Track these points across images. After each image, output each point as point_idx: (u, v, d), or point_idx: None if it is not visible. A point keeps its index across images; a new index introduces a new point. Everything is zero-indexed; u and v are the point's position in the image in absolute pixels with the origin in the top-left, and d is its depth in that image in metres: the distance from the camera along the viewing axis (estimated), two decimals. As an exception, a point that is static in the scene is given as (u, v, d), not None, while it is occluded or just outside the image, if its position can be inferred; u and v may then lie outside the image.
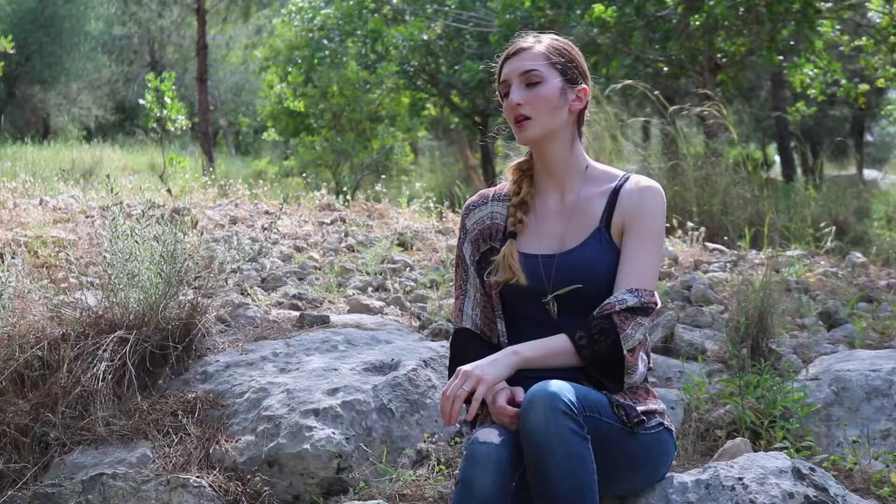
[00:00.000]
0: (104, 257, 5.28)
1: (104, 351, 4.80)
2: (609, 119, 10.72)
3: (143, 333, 4.96)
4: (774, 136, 29.57)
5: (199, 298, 5.20)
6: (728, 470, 3.74)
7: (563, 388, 3.13)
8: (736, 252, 8.07)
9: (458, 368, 3.27)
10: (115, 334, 4.89)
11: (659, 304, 3.48)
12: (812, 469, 3.75)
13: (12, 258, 5.62)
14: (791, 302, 6.25)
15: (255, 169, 24.94)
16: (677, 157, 9.82)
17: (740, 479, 3.67)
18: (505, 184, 3.73)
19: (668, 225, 8.81)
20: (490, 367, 3.25)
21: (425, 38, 17.04)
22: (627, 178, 3.57)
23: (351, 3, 17.87)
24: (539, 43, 3.54)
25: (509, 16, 13.45)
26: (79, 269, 6.05)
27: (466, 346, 3.61)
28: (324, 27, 18.64)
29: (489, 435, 3.20)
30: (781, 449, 4.29)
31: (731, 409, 4.64)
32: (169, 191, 10.60)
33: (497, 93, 3.66)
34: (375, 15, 18.01)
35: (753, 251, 8.03)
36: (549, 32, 3.68)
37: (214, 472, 4.34)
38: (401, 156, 17.29)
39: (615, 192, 3.52)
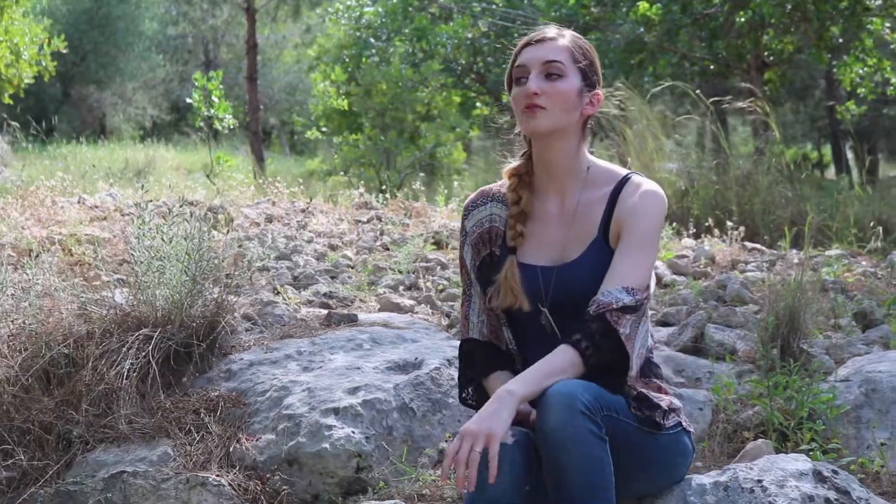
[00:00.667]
0: (131, 255, 5.30)
1: (129, 349, 4.81)
2: (651, 118, 10.64)
3: (168, 331, 4.97)
4: (830, 135, 29.26)
5: (224, 296, 5.20)
6: (747, 472, 3.68)
7: (580, 388, 3.07)
8: (775, 252, 7.97)
9: (461, 430, 3.07)
10: (141, 332, 4.90)
11: (650, 300, 3.42)
12: (835, 472, 3.69)
13: (39, 256, 5.65)
14: (827, 302, 6.16)
15: (307, 168, 25.00)
16: (719, 156, 9.72)
17: (759, 481, 3.61)
18: (506, 182, 3.61)
19: (707, 224, 8.75)
20: (494, 421, 3.04)
21: (470, 36, 17.00)
22: (627, 179, 3.46)
23: (395, 1, 17.88)
24: (563, 37, 3.45)
25: (554, 13, 13.38)
26: (110, 266, 6.08)
27: (474, 353, 3.55)
28: (371, 26, 18.67)
29: (503, 435, 3.15)
30: (808, 451, 4.22)
31: (760, 410, 4.57)
32: (217, 189, 10.67)
33: (508, 77, 3.53)
34: (421, 13, 17.98)
35: (794, 251, 7.93)
36: (567, 29, 3.56)
37: (234, 471, 4.33)
38: (445, 155, 17.21)
39: (614, 196, 3.42)
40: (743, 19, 12.29)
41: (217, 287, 5.28)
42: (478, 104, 21.98)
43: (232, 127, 15.60)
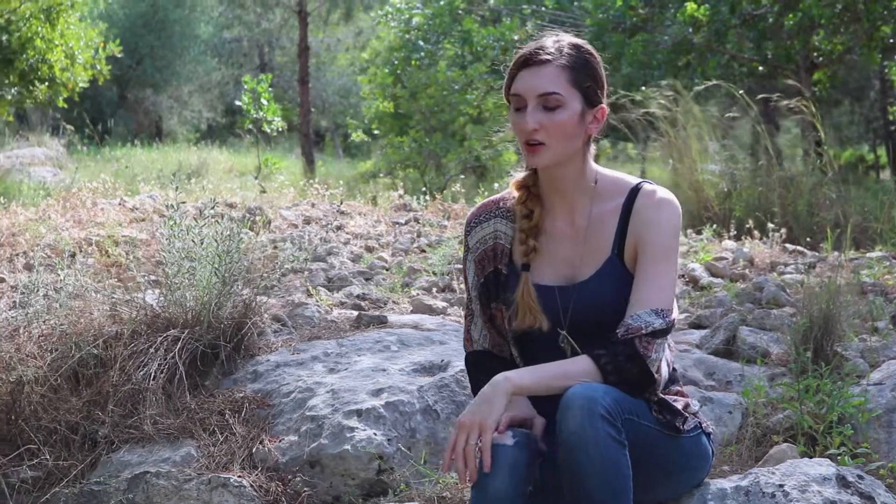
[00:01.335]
0: (162, 256, 5.32)
1: (157, 350, 4.83)
2: (700, 118, 10.56)
3: (196, 332, 4.98)
4: (884, 137, 28.88)
5: (253, 298, 5.21)
6: (769, 477, 3.63)
7: (601, 392, 3.01)
8: (816, 254, 7.88)
9: (456, 421, 3.06)
10: (169, 333, 4.92)
11: (677, 320, 3.33)
12: (860, 476, 3.63)
13: (72, 257, 5.69)
14: (864, 304, 6.06)
15: (360, 170, 25.06)
16: (763, 157, 9.62)
17: (781, 486, 3.56)
18: (508, 195, 3.48)
19: (748, 226, 8.66)
20: (486, 410, 3.02)
21: (517, 38, 16.95)
22: (639, 189, 3.32)
23: (441, 3, 17.87)
24: (561, 55, 3.22)
25: (601, 15, 13.31)
26: (146, 268, 6.11)
27: (482, 361, 3.49)
28: (420, 28, 18.68)
29: (503, 437, 3.10)
30: (835, 456, 4.16)
31: (791, 414, 4.51)
32: (263, 189, 10.71)
33: (505, 97, 3.35)
34: (469, 15, 17.96)
35: (836, 253, 7.83)
36: (570, 32, 3.36)
37: (256, 472, 4.33)
38: (492, 157, 17.15)
39: (627, 209, 3.30)
40: (792, 21, 12.17)
41: (247, 288, 5.29)
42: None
43: (280, 129, 15.67)
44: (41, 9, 18.56)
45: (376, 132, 21.63)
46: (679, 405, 3.35)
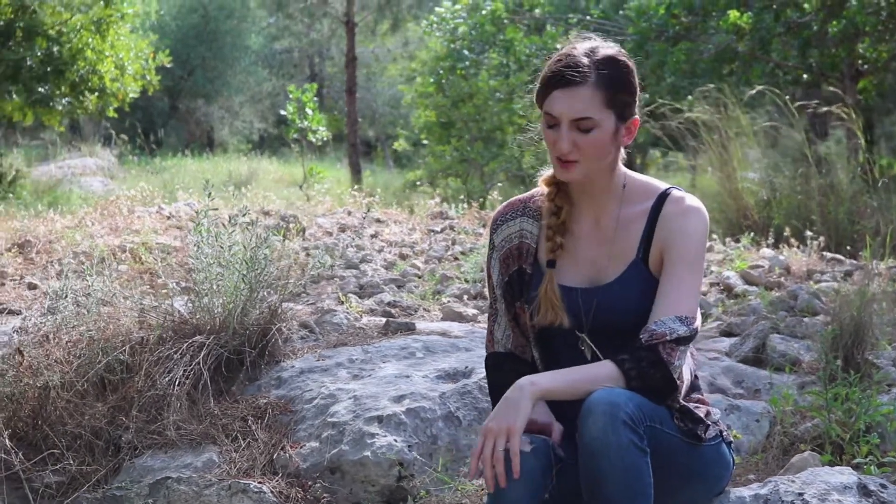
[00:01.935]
0: (191, 262, 5.34)
1: (182, 355, 4.85)
2: (745, 125, 10.48)
3: (221, 338, 4.99)
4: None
5: (279, 304, 5.22)
6: (789, 485, 3.59)
7: (624, 397, 2.99)
8: (855, 262, 7.77)
9: (482, 428, 3.03)
10: (195, 339, 4.94)
11: (700, 329, 3.30)
12: (883, 486, 3.58)
13: (103, 262, 5.72)
14: (900, 312, 5.97)
15: (408, 179, 25.11)
16: (803, 164, 9.53)
17: (801, 494, 3.52)
18: (536, 194, 3.47)
19: (785, 234, 8.57)
20: (511, 415, 3.00)
21: (559, 47, 16.85)
22: (667, 195, 3.29)
23: (484, 13, 17.86)
24: (595, 72, 3.15)
25: (644, 24, 13.23)
26: (179, 274, 6.13)
27: (502, 364, 3.47)
28: (465, 38, 18.68)
29: (521, 444, 3.09)
30: (860, 465, 4.10)
31: (820, 423, 4.45)
32: (308, 198, 10.75)
33: (537, 104, 3.30)
34: (512, 24, 17.90)
35: (876, 261, 7.72)
36: (599, 37, 3.31)
37: (276, 478, 4.33)
38: (533, 164, 17.04)
39: (653, 215, 3.28)
40: (836, 28, 12.05)
41: (273, 295, 5.30)
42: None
43: (325, 139, 15.70)
44: (91, 20, 18.76)
45: (425, 142, 21.64)
46: (700, 413, 3.32)
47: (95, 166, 23.29)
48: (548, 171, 3.42)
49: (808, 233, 7.99)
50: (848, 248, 8.62)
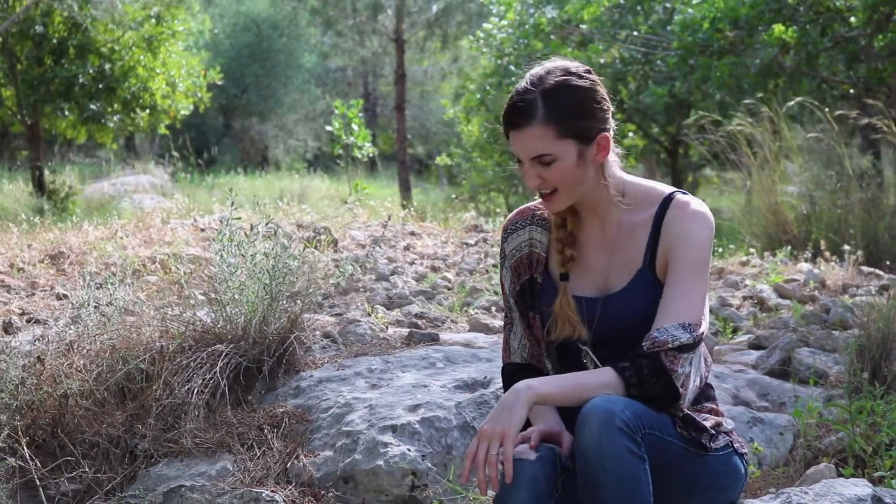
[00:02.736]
0: (213, 271, 5.34)
1: (201, 364, 4.85)
2: (789, 138, 10.37)
3: (241, 347, 4.99)
4: None
5: (299, 313, 5.21)
6: (801, 496, 3.53)
7: (620, 404, 2.94)
8: (894, 276, 7.65)
9: (479, 429, 3.00)
10: (215, 347, 4.93)
11: (706, 334, 3.22)
12: (899, 499, 3.50)
13: (133, 273, 5.74)
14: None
15: (448, 195, 25.13)
16: (842, 178, 9.40)
17: (813, 506, 3.45)
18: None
19: (822, 247, 8.46)
20: (506, 419, 2.95)
21: (602, 61, 16.81)
22: (671, 199, 3.23)
23: (527, 27, 17.83)
24: (540, 104, 3.10)
25: (689, 37, 13.12)
26: (206, 284, 6.14)
27: (519, 377, 3.41)
28: (512, 53, 18.66)
29: (526, 451, 3.05)
30: (881, 478, 4.02)
31: (845, 436, 4.37)
32: (353, 213, 10.76)
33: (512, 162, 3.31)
34: (555, 38, 17.81)
35: (913, 274, 7.63)
36: (559, 57, 3.26)
37: (290, 487, 4.31)
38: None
39: (658, 220, 3.22)
40: (882, 42, 11.89)
41: (293, 304, 5.29)
42: (629, 134, 21.59)
43: (371, 154, 15.73)
44: (143, 37, 18.95)
45: (478, 159, 21.60)
46: (709, 423, 3.25)
47: (148, 184, 23.51)
48: None
49: (846, 247, 7.87)
50: (888, 262, 8.49)
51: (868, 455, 4.22)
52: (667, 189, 3.29)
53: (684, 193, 3.27)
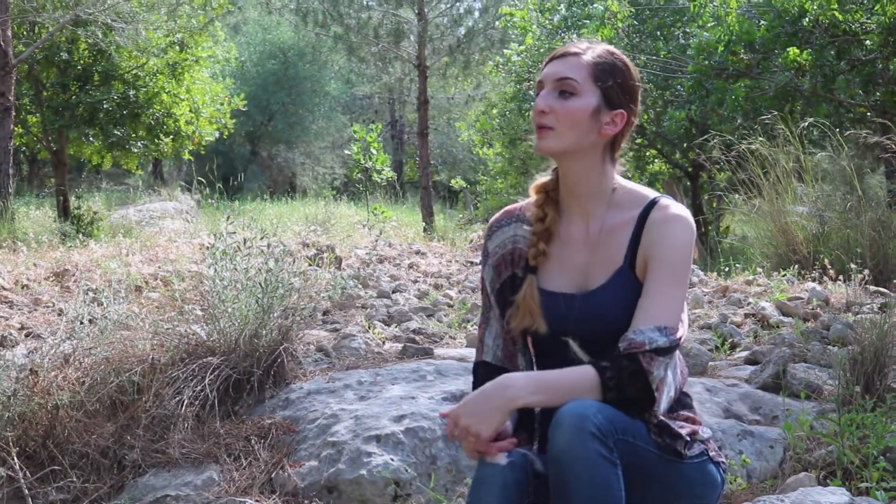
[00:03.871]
0: (206, 285, 5.37)
1: (191, 377, 4.87)
2: (804, 160, 10.33)
3: (231, 360, 5.01)
4: None
5: (290, 326, 5.22)
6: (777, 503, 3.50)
7: (593, 409, 2.92)
8: (898, 295, 7.61)
9: (451, 413, 2.98)
10: (206, 360, 4.96)
11: (684, 338, 3.21)
12: (876, 507, 3.48)
13: (138, 288, 5.77)
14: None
15: (458, 216, 25.14)
16: (852, 198, 9.34)
17: (789, 513, 3.43)
18: (532, 199, 3.43)
19: (828, 267, 8.41)
20: (485, 422, 2.95)
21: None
22: (655, 203, 3.22)
23: (542, 51, 17.83)
24: (588, 52, 3.22)
25: (705, 61, 13.10)
26: (205, 300, 6.17)
27: (491, 376, 3.42)
28: (530, 78, 18.68)
29: (496, 456, 3.04)
30: (867, 489, 3.99)
31: (835, 449, 4.34)
32: (371, 231, 10.78)
33: (533, 92, 3.43)
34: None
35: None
36: (604, 44, 3.31)
37: (274, 497, 4.32)
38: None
39: (641, 222, 3.20)
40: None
41: (286, 318, 5.31)
42: (654, 160, 21.56)
43: (390, 179, 15.72)
44: (167, 64, 19.08)
45: (499, 181, 21.60)
46: (684, 430, 3.24)
47: (174, 210, 23.63)
48: (540, 178, 3.40)
49: (853, 265, 7.81)
50: (895, 281, 8.44)
51: (856, 467, 4.19)
52: (652, 193, 3.29)
53: (668, 198, 3.28)
